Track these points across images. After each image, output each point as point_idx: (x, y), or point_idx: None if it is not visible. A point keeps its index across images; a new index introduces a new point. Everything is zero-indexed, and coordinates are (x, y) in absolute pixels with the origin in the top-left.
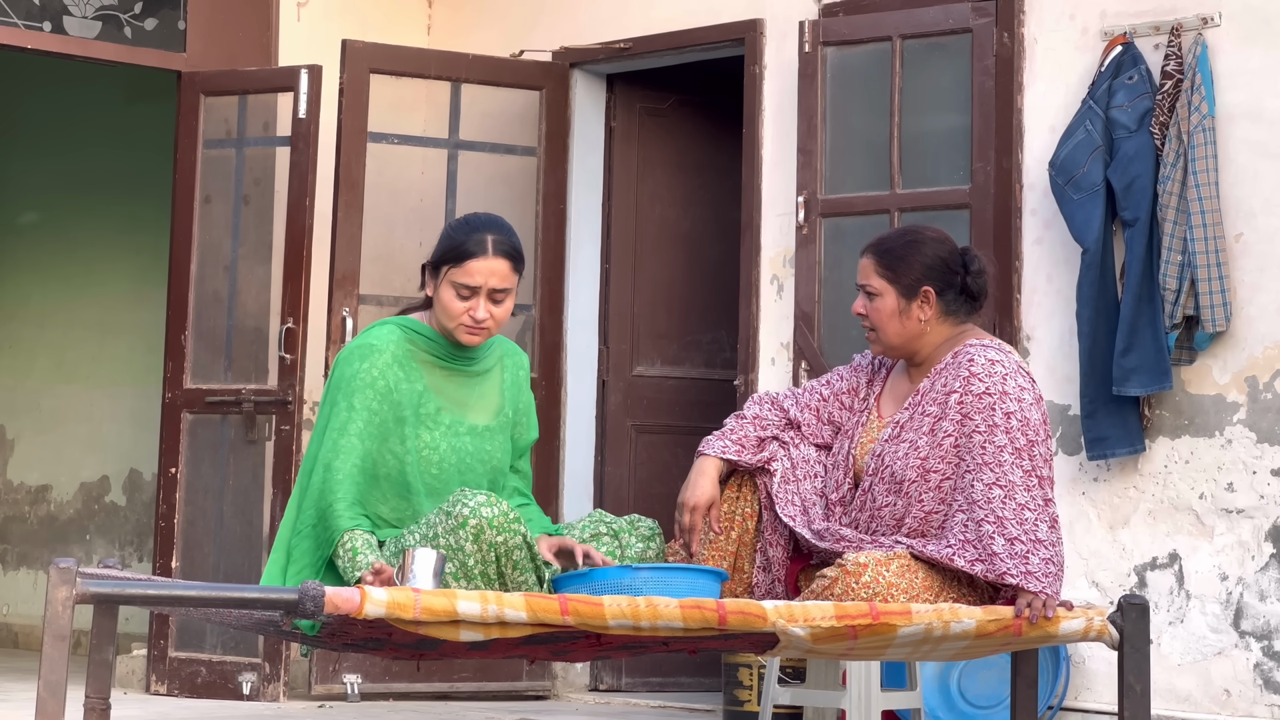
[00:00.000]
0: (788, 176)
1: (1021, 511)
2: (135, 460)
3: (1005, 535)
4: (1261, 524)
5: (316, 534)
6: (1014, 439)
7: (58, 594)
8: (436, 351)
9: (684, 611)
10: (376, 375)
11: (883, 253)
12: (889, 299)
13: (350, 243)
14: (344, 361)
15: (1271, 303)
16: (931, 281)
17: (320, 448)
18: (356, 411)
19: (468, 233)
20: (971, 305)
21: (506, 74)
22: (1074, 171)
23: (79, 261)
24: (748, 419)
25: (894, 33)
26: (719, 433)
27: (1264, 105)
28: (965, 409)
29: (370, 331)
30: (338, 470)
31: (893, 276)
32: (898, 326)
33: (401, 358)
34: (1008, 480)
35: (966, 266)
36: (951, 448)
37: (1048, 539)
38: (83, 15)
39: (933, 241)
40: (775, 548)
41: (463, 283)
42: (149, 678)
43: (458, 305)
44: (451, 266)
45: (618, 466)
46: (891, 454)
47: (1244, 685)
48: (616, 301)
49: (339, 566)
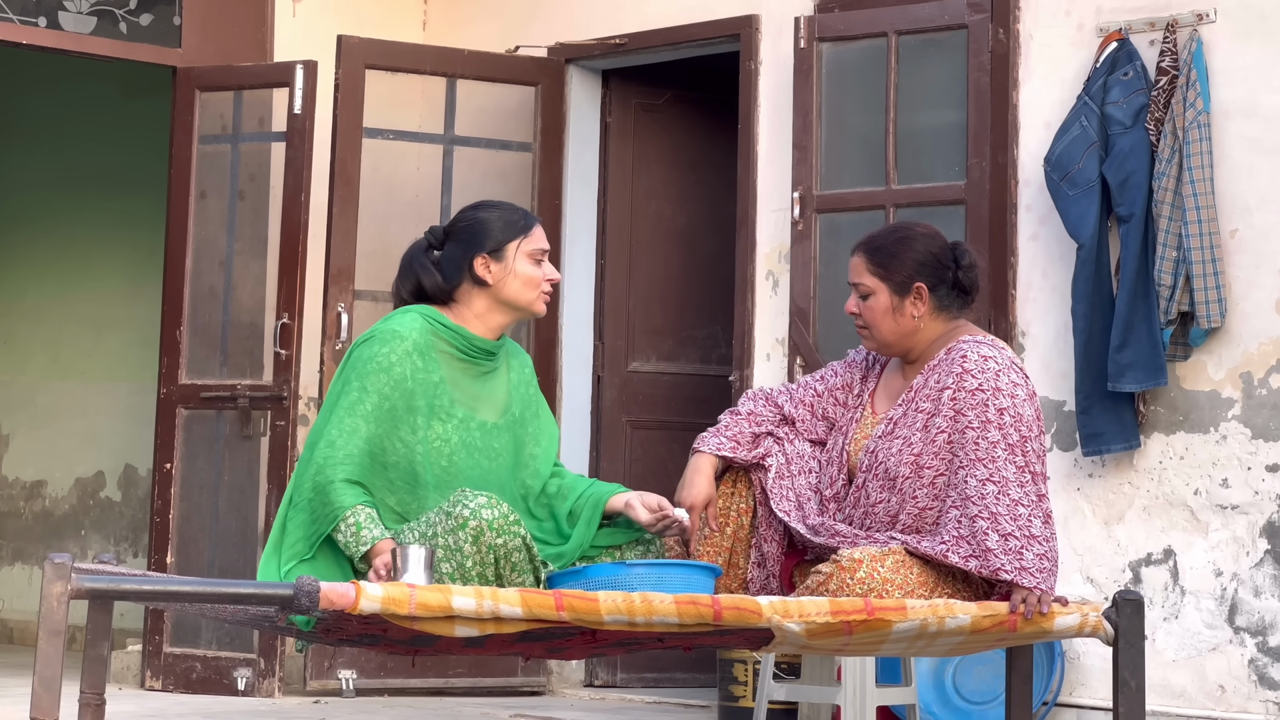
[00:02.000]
0: (783, 172)
1: (1015, 507)
2: (130, 456)
3: (999, 531)
4: (1256, 520)
5: (314, 508)
6: (1007, 435)
7: (53, 589)
8: (458, 345)
9: (679, 607)
10: (395, 361)
11: (874, 250)
12: (882, 297)
13: (346, 238)
14: (365, 344)
15: (1266, 298)
16: (924, 278)
17: (326, 424)
18: (368, 394)
19: (510, 210)
20: (964, 300)
21: (502, 70)
22: (1069, 167)
23: (74, 257)
24: (742, 415)
25: (889, 28)
26: (714, 429)
27: (1259, 101)
28: (958, 405)
29: (394, 318)
30: (340, 448)
31: (885, 274)
32: (891, 324)
33: (424, 347)
34: (1001, 476)
35: (957, 261)
36: (945, 444)
37: (1041, 534)
38: (78, 10)
39: (923, 237)
40: (770, 543)
41: (538, 248)
42: (144, 673)
43: (537, 273)
44: (523, 238)
45: (613, 462)
46: (885, 450)
47: (1239, 681)
48: (612, 297)
49: (340, 542)
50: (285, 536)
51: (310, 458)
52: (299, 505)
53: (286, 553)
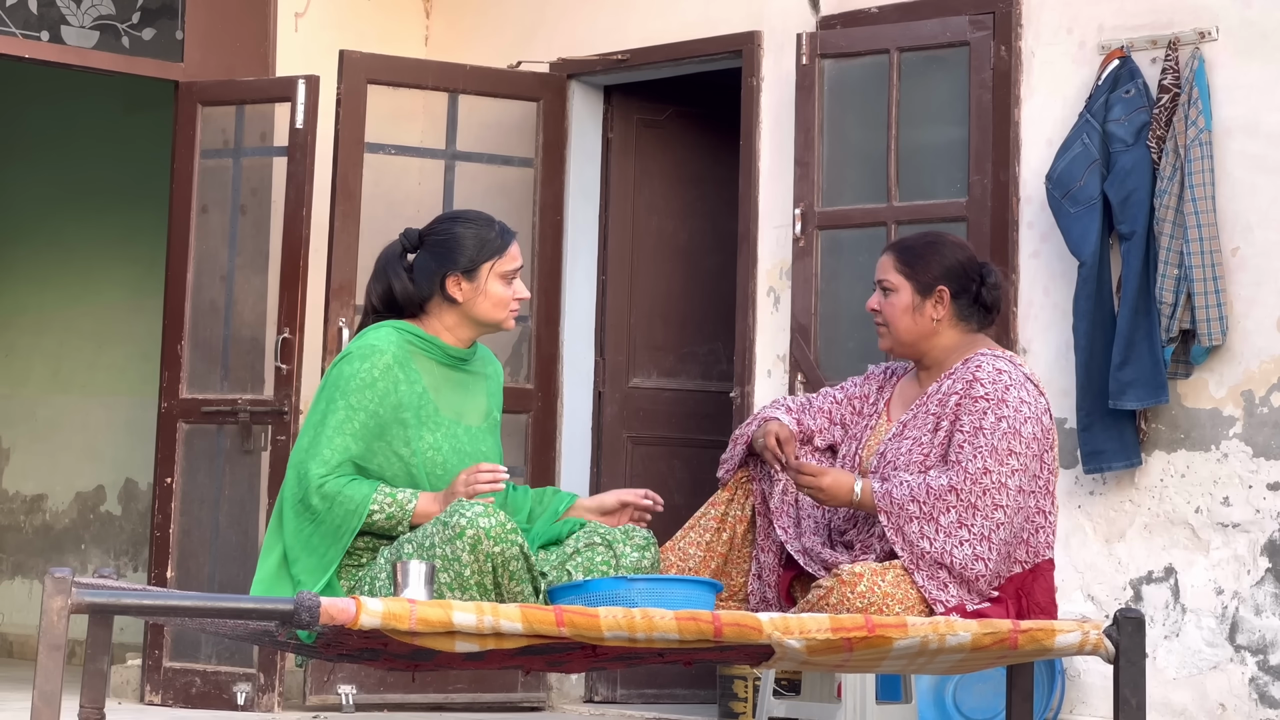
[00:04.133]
0: (785, 188)
1: (946, 495)
2: (131, 470)
3: (930, 521)
4: (1257, 538)
5: (331, 517)
6: (993, 442)
7: (53, 603)
8: (434, 355)
9: (679, 623)
10: (378, 376)
11: (903, 250)
12: (904, 294)
13: (347, 253)
14: (344, 361)
15: (1268, 317)
16: (948, 283)
17: (315, 441)
18: (356, 411)
19: (486, 226)
20: (985, 316)
21: (504, 85)
22: (1071, 185)
23: (76, 270)
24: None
25: (891, 45)
26: (766, 412)
27: (1261, 119)
28: (960, 411)
29: (369, 334)
30: (334, 461)
31: (910, 273)
32: (909, 323)
33: (403, 359)
34: (965, 472)
35: (984, 278)
36: (940, 445)
37: (966, 535)
38: (80, 25)
39: (954, 246)
40: (767, 554)
41: (510, 269)
42: (143, 688)
43: (506, 293)
44: (497, 258)
45: (613, 478)
46: (894, 450)
47: (1239, 699)
48: (613, 313)
49: (382, 525)
50: (296, 555)
51: (303, 475)
52: (306, 518)
53: (307, 575)
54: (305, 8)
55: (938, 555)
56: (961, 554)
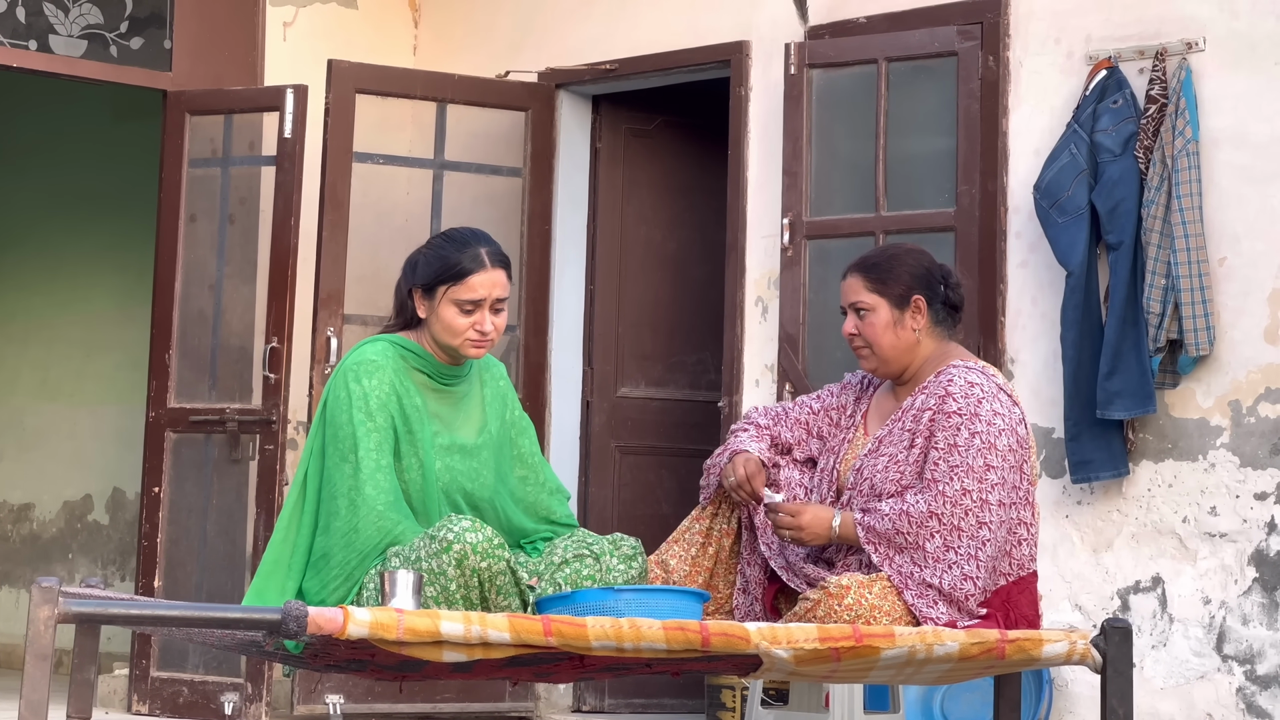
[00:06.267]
0: (773, 198)
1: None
2: (118, 479)
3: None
4: (1244, 548)
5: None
6: (968, 460)
7: (40, 613)
8: (427, 370)
9: (667, 633)
10: (387, 391)
11: (869, 268)
12: (882, 312)
13: (335, 262)
14: (349, 378)
15: (1255, 327)
16: (920, 290)
17: (357, 473)
18: (384, 432)
19: (459, 248)
20: (954, 317)
21: (492, 95)
22: (1059, 195)
23: (64, 279)
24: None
25: (880, 55)
26: (729, 445)
27: (1248, 130)
28: (934, 427)
29: (364, 348)
30: (383, 500)
31: (883, 289)
32: (892, 338)
33: (400, 372)
34: (942, 496)
35: (945, 279)
36: (916, 463)
37: (952, 559)
38: (69, 34)
39: (913, 253)
40: (753, 567)
41: (466, 299)
42: (131, 697)
43: (462, 322)
44: (452, 285)
45: (601, 488)
46: (870, 468)
47: (1227, 709)
48: (601, 322)
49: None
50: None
51: (351, 509)
52: (351, 551)
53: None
54: (294, 17)
55: (927, 579)
56: (951, 577)
